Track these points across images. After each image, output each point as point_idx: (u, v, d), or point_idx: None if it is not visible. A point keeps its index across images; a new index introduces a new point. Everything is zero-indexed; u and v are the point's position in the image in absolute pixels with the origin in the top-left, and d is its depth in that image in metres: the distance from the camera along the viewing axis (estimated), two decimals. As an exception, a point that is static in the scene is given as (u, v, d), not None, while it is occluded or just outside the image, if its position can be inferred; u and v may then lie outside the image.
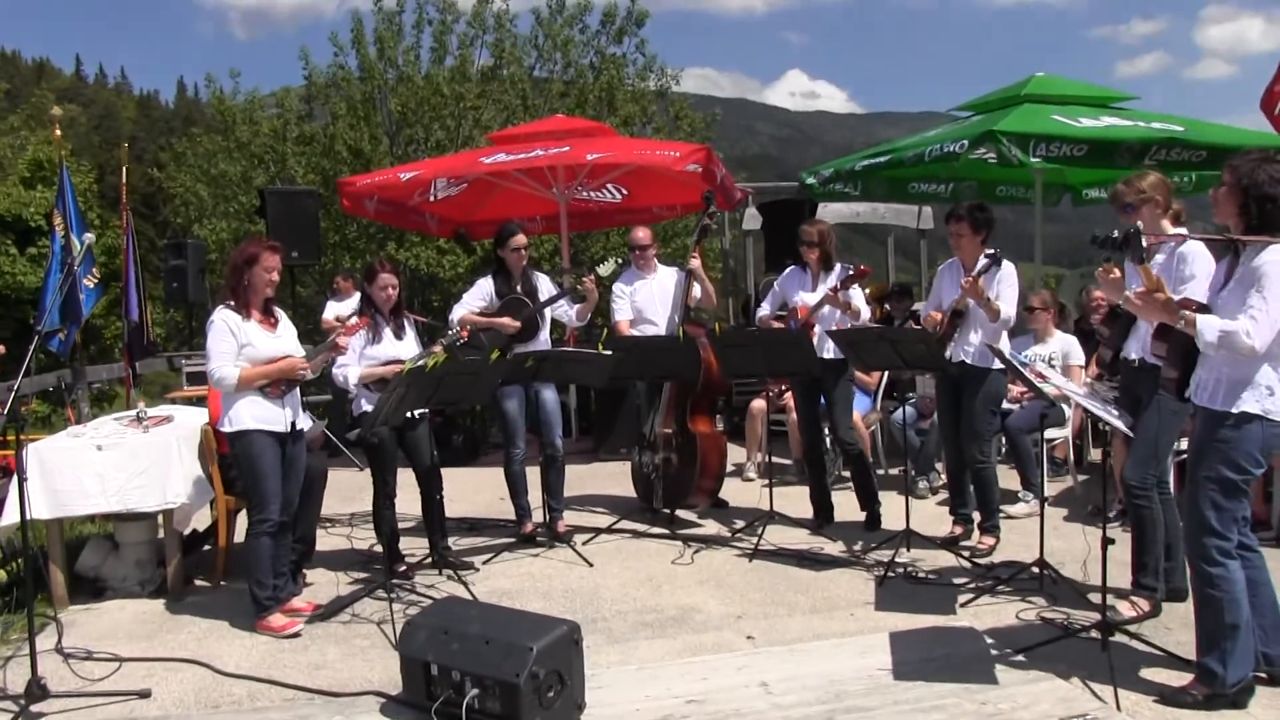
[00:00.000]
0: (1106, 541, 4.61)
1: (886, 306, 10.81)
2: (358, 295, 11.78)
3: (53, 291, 9.81)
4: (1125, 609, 5.30)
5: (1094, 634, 4.73)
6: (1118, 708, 4.16)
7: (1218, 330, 4.04)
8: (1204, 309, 4.25)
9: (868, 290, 10.43)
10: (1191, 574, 4.36)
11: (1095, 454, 8.98)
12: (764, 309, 7.93)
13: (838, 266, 7.49)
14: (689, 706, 4.37)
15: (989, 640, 5.03)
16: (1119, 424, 4.58)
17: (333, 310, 11.68)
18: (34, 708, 4.62)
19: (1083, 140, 8.75)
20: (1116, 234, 4.41)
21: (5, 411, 4.92)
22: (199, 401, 8.35)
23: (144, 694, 4.85)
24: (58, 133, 11.44)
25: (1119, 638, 4.88)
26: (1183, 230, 5.26)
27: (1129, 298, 4.43)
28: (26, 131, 26.14)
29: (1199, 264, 4.95)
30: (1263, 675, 4.34)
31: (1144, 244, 4.40)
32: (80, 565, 6.67)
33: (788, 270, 7.84)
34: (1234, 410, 4.14)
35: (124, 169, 11.03)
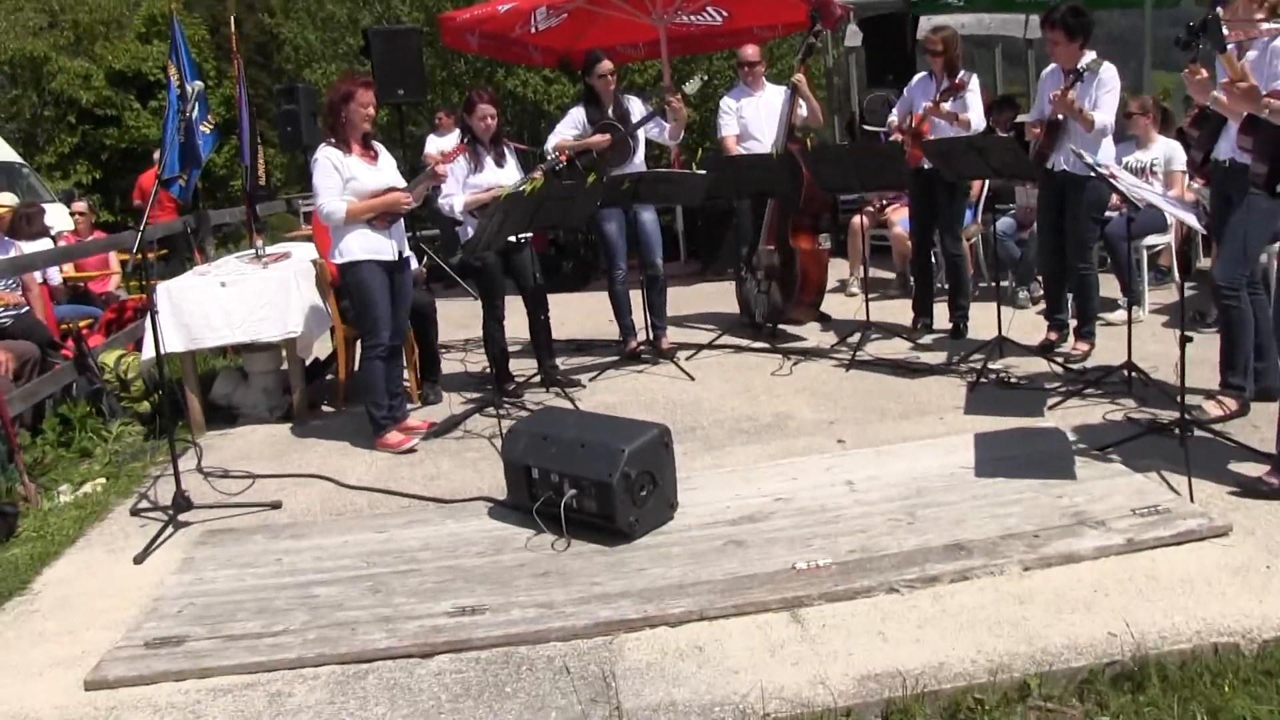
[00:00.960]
0: (1185, 340, 4.66)
1: (991, 118, 10.62)
2: (458, 129, 12.03)
3: (170, 139, 10.16)
4: (1212, 408, 5.34)
5: (1175, 431, 4.83)
6: (1191, 499, 4.28)
7: None
8: None
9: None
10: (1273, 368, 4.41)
11: (1205, 261, 8.86)
12: (893, 116, 7.88)
13: (962, 73, 7.39)
14: (776, 504, 4.62)
15: (1072, 439, 5.15)
16: (1190, 219, 4.60)
17: (434, 145, 11.88)
18: (181, 516, 5.08)
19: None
20: (1192, 28, 4.35)
21: (134, 254, 5.26)
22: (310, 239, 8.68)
23: (275, 505, 5.28)
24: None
25: (1203, 435, 4.97)
26: (1278, 24, 5.11)
27: (1215, 95, 4.40)
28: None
29: None
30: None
31: (1224, 30, 4.32)
32: (214, 394, 7.15)
33: (917, 78, 7.77)
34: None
35: (233, 18, 11.20)
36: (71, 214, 11.21)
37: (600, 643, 3.58)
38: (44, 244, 9.06)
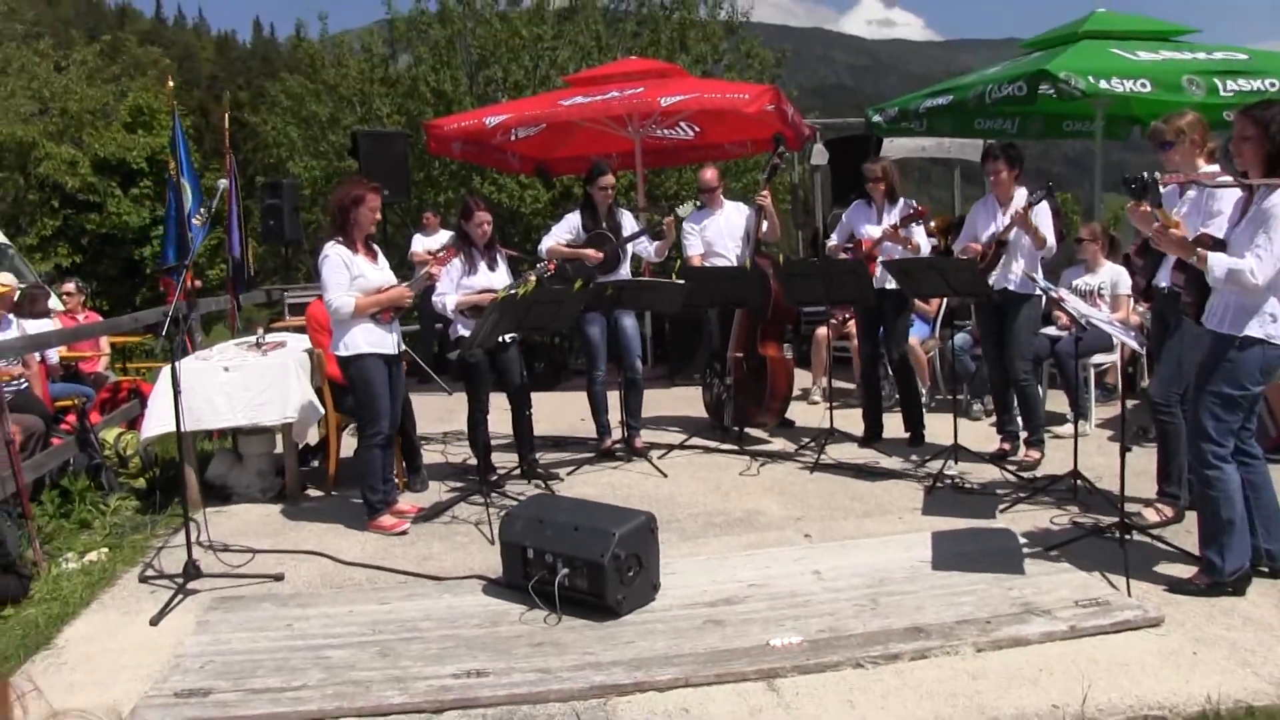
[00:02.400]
0: (1124, 450, 5.15)
1: (949, 239, 11.23)
2: (442, 230, 12.52)
3: (171, 231, 10.59)
4: (1150, 514, 5.84)
5: (1114, 533, 5.29)
6: (1129, 593, 4.73)
7: (1225, 267, 4.55)
8: (1220, 244, 4.75)
9: (934, 223, 10.91)
10: (1193, 476, 4.91)
11: (1147, 381, 9.41)
12: (832, 240, 8.49)
13: (901, 201, 8.01)
14: (750, 589, 5.02)
15: (1022, 539, 5.60)
16: (1131, 342, 5.10)
17: (420, 244, 12.36)
18: (190, 584, 5.40)
19: (1140, 74, 9.08)
20: (1138, 180, 4.90)
21: (164, 335, 5.66)
22: (299, 330, 9.04)
23: (278, 577, 5.60)
24: (170, 84, 12.20)
25: (1141, 539, 5.43)
26: (1214, 168, 5.67)
27: (1153, 232, 4.94)
28: (126, 79, 27.12)
29: (1227, 201, 5.30)
30: (1264, 569, 4.89)
31: (1161, 190, 4.88)
32: (210, 474, 7.46)
33: (854, 204, 8.37)
34: (1239, 334, 4.65)
35: (225, 115, 11.74)
36: (60, 294, 11.53)
37: (595, 704, 3.94)
38: (45, 324, 9.38)
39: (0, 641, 4.88)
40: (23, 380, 8.11)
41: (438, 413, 9.29)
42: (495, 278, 7.33)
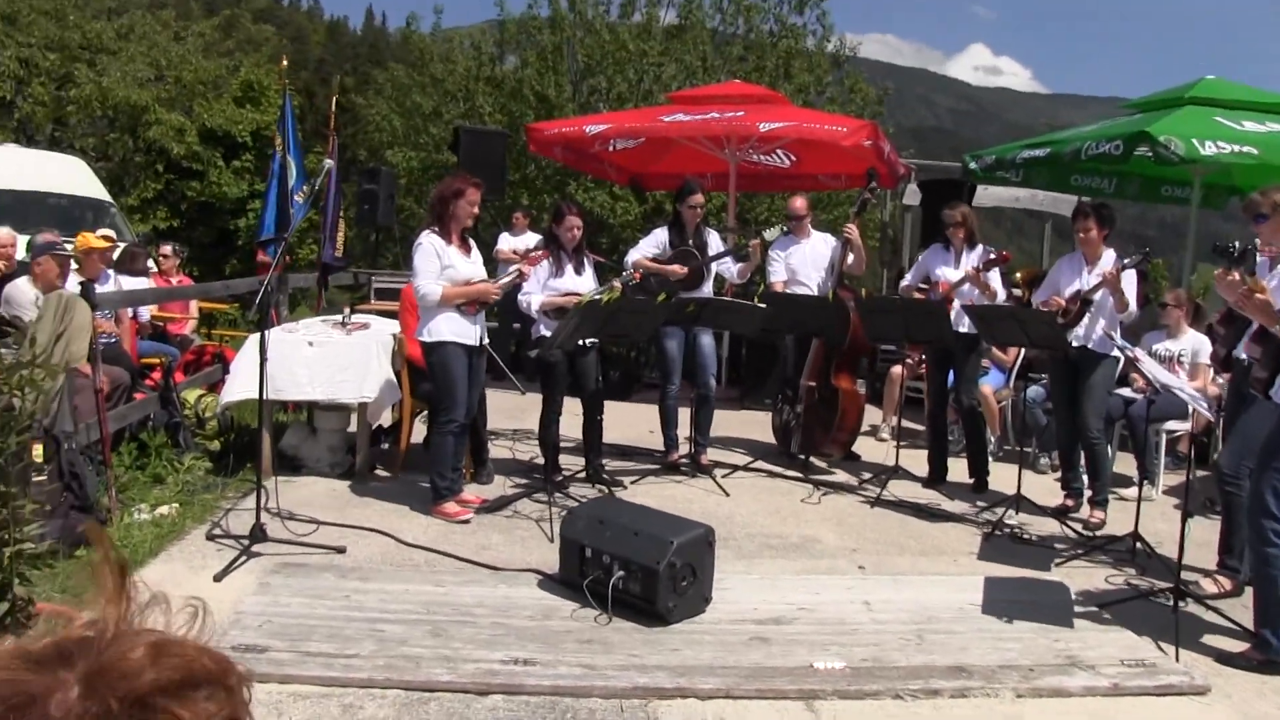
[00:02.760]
0: (1186, 515, 5.16)
1: (1031, 291, 11.20)
2: (530, 232, 12.72)
3: (271, 205, 10.87)
4: (1208, 585, 5.81)
5: (1168, 598, 5.28)
6: (1176, 659, 4.74)
7: None
8: None
9: (1019, 274, 10.90)
10: (1251, 553, 4.91)
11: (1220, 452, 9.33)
12: (907, 279, 8.54)
13: (980, 247, 8.04)
14: (799, 612, 5.10)
15: (1075, 595, 5.61)
16: (1204, 409, 5.12)
17: (507, 242, 12.55)
18: (255, 547, 5.59)
19: (1245, 141, 8.98)
20: (1233, 247, 4.94)
21: (257, 304, 5.88)
22: (383, 314, 9.25)
23: (340, 550, 5.77)
24: (285, 63, 12.56)
25: (1196, 609, 5.41)
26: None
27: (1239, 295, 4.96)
28: (240, 55, 27.84)
29: None
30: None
31: (1259, 257, 4.92)
32: (283, 444, 7.68)
33: (932, 247, 8.42)
34: (1307, 411, 4.66)
35: (334, 99, 12.04)
36: (157, 256, 11.89)
37: (637, 704, 4.05)
38: (141, 282, 9.70)
39: (71, 581, 5.10)
40: (114, 335, 8.40)
41: (509, 410, 9.44)
42: (581, 282, 7.47)
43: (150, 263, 12.43)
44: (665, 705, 4.06)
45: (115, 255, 9.38)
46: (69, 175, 14.49)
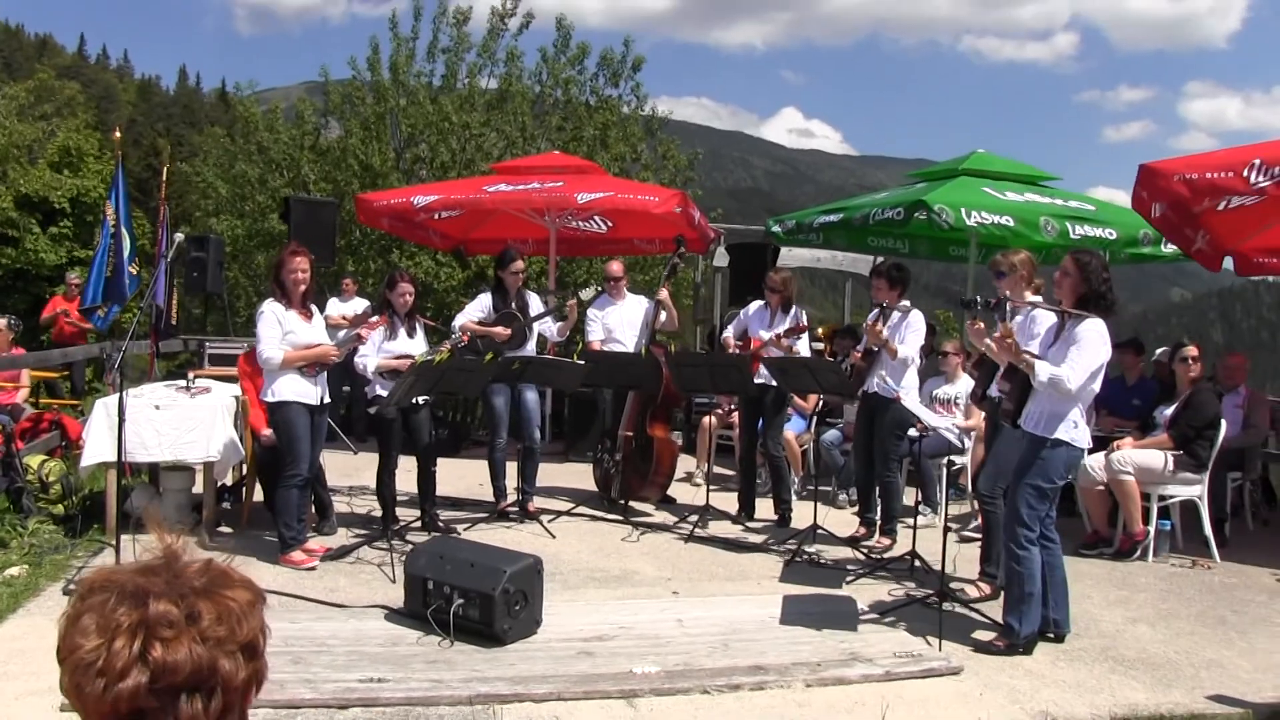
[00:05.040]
0: (946, 529, 6.05)
1: (833, 344, 12.19)
2: (357, 298, 13.19)
3: (97, 274, 11.14)
4: (971, 591, 6.72)
5: (935, 602, 6.14)
6: (940, 649, 5.58)
7: (1049, 373, 5.50)
8: (1039, 359, 5.71)
9: (821, 330, 11.90)
10: (1004, 553, 5.82)
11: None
12: (728, 333, 9.38)
13: (793, 310, 8.88)
14: (619, 630, 5.78)
15: (862, 606, 6.42)
16: (952, 439, 6.02)
17: (336, 308, 12.98)
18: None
19: (1004, 211, 10.15)
20: (978, 301, 5.91)
21: (116, 367, 6.30)
22: (220, 379, 9.61)
23: (198, 597, 6.19)
24: (117, 135, 12.75)
25: (963, 611, 6.30)
26: (1039, 299, 6.68)
27: (988, 343, 5.89)
28: (58, 119, 27.51)
29: (1043, 326, 6.34)
30: (1050, 635, 5.80)
31: (1008, 308, 5.89)
32: (130, 505, 7.99)
33: (754, 306, 9.24)
34: (1050, 436, 5.60)
35: (165, 169, 12.30)
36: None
37: (480, 709, 4.65)
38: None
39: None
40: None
41: (344, 469, 9.88)
42: (414, 344, 8.05)
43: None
44: (506, 709, 4.67)
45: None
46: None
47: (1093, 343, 5.51)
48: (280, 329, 7.02)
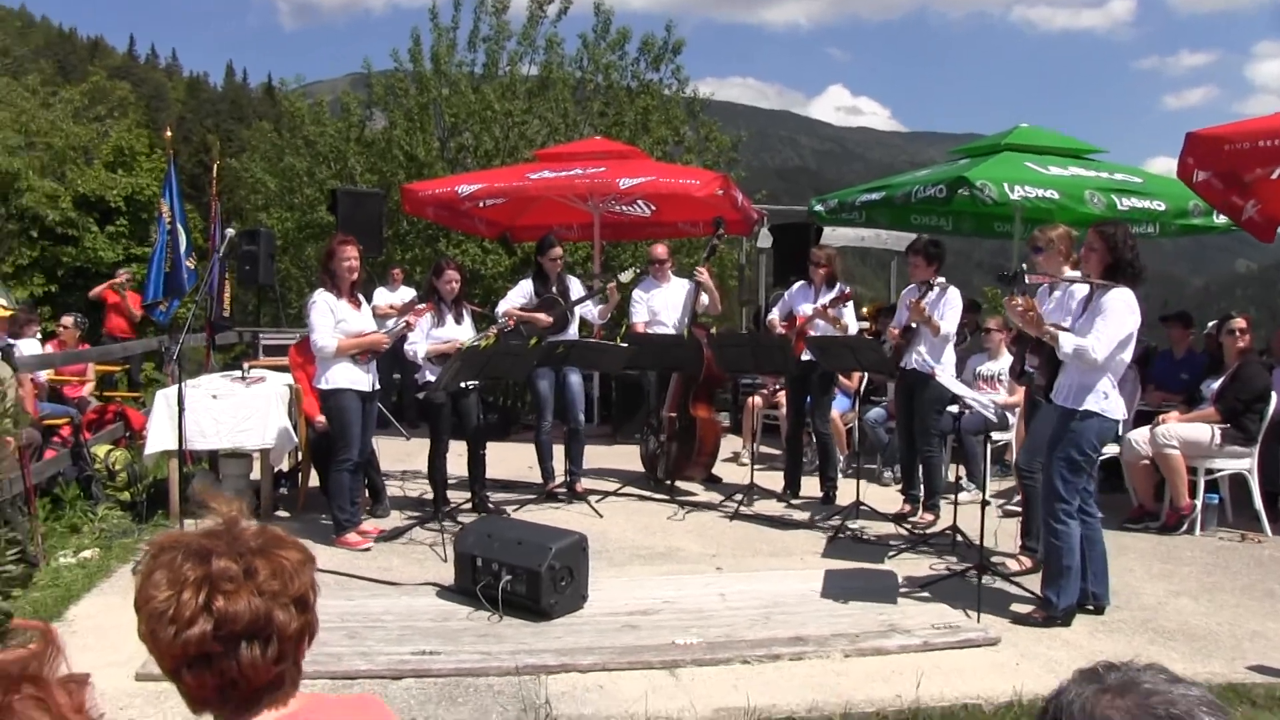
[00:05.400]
0: (984, 504, 6.13)
1: (879, 322, 12.25)
2: (404, 286, 13.40)
3: (157, 269, 11.42)
4: (1012, 564, 6.79)
5: (973, 575, 6.23)
6: (978, 621, 5.68)
7: (1074, 344, 5.56)
8: (1064, 330, 5.78)
9: (865, 309, 11.96)
10: (1044, 530, 5.90)
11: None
12: (774, 314, 9.48)
13: (838, 285, 8.97)
14: (663, 604, 5.93)
15: (901, 579, 6.54)
16: (989, 414, 6.10)
17: (384, 298, 13.19)
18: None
19: (1048, 185, 10.13)
20: (1009, 272, 5.96)
21: (175, 359, 6.53)
22: (274, 369, 9.88)
23: (257, 577, 6.42)
24: (168, 133, 13.06)
25: (1003, 585, 6.38)
26: (1076, 274, 6.70)
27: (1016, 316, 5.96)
28: (110, 120, 28.01)
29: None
30: (1090, 607, 5.87)
31: (1028, 280, 5.94)
32: (190, 491, 8.26)
33: (797, 284, 9.35)
34: (1080, 408, 5.66)
35: (216, 165, 12.55)
36: (59, 327, 12.31)
37: (528, 679, 4.82)
38: (33, 345, 10.18)
39: (16, 616, 5.68)
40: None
41: (396, 454, 10.11)
42: (461, 330, 8.23)
43: (37, 329, 12.83)
44: (552, 678, 4.84)
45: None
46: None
47: (1118, 312, 5.56)
48: (332, 317, 7.22)
